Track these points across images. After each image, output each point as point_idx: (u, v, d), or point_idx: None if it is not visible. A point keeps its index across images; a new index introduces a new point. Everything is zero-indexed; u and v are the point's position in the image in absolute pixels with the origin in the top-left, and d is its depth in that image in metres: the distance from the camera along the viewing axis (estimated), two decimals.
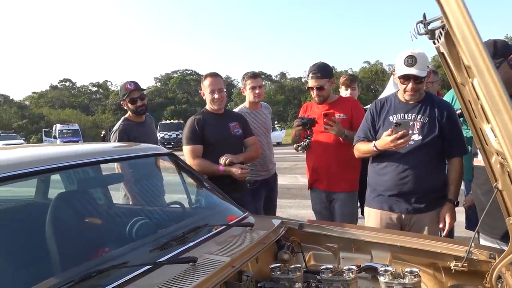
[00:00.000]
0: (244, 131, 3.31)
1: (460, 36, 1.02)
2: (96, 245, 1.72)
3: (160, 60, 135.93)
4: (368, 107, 2.93)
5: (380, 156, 2.62)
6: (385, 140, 2.41)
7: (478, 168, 2.27)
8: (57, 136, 32.19)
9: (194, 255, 1.63)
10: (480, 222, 1.84)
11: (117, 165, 2.54)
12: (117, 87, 78.81)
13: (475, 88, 1.22)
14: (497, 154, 1.41)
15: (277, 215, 3.96)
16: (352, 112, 3.23)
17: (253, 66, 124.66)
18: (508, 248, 1.56)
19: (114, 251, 1.66)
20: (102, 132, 34.16)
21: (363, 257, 2.06)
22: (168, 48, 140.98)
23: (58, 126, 34.28)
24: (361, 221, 3.45)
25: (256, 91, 3.64)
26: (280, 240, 2.12)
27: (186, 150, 3.12)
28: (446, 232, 2.60)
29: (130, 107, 3.50)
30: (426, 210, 2.56)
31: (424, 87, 2.60)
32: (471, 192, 2.56)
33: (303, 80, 62.79)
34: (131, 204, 2.69)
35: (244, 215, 2.31)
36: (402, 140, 2.34)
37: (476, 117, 1.44)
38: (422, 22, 1.22)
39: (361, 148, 2.71)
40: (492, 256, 1.75)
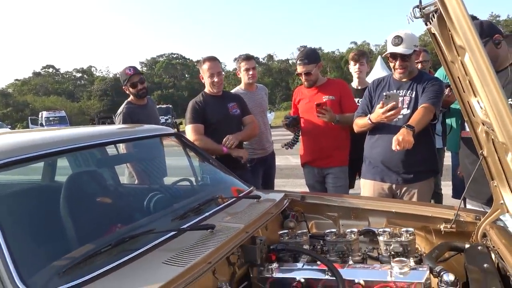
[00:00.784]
0: (242, 110, 3.47)
1: (455, 19, 1.19)
2: (124, 217, 1.89)
3: (145, 44, 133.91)
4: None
5: (374, 129, 2.82)
6: (377, 113, 2.60)
7: (465, 140, 2.46)
8: (43, 124, 31.45)
9: (211, 223, 1.80)
10: (467, 187, 2.03)
11: (123, 146, 2.63)
12: (101, 72, 77.60)
13: (464, 65, 1.39)
14: (482, 124, 1.59)
15: None
16: (340, 93, 3.40)
17: (240, 48, 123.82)
18: (492, 208, 1.75)
19: (141, 221, 1.84)
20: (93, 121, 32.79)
21: (361, 223, 2.26)
22: (153, 31, 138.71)
23: (45, 114, 33.41)
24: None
25: (250, 73, 3.77)
26: (285, 210, 2.30)
27: (189, 129, 3.28)
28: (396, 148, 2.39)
29: (131, 91, 3.64)
30: (415, 180, 2.75)
31: (420, 66, 2.73)
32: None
33: (290, 62, 62.64)
34: (140, 183, 2.82)
35: (250, 189, 2.47)
36: (392, 112, 2.51)
37: (464, 91, 1.61)
38: (418, 6, 1.37)
39: (359, 122, 2.91)
40: (477, 217, 1.94)
